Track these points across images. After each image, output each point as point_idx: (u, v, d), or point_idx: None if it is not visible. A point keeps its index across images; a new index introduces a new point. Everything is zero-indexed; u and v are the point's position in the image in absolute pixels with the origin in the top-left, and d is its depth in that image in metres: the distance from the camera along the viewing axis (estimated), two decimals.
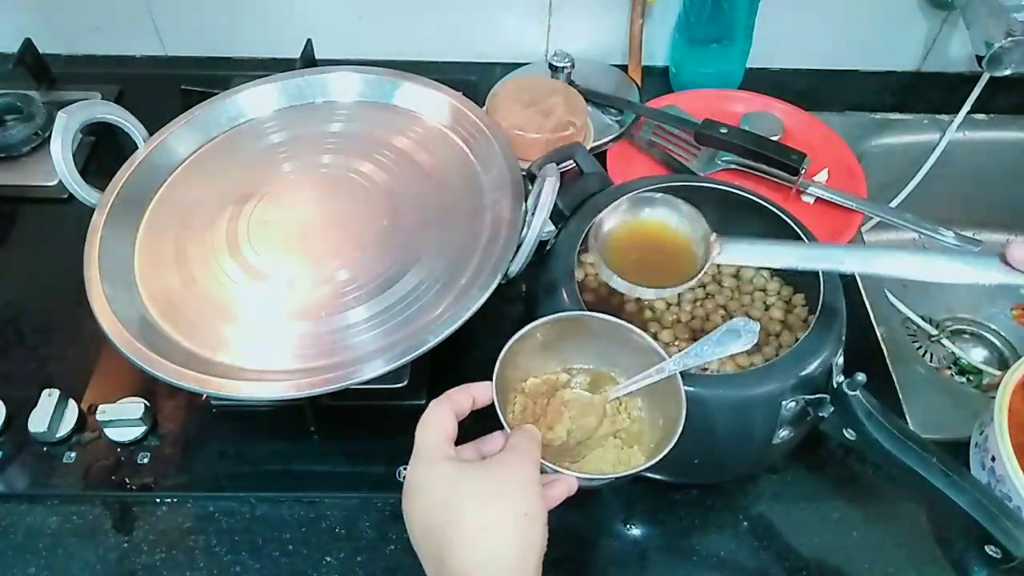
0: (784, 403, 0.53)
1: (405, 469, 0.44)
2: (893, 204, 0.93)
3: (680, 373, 0.49)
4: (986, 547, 0.49)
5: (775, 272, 0.66)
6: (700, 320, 0.64)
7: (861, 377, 0.51)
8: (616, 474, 0.48)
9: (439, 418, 0.45)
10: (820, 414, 0.53)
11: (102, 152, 0.86)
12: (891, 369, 0.70)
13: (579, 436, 0.50)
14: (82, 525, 0.61)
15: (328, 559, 0.59)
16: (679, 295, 0.65)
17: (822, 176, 0.82)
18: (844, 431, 0.52)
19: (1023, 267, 0.46)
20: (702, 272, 0.52)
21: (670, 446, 0.46)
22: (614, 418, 0.52)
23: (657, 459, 0.46)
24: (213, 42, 0.97)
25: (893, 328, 0.74)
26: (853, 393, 0.51)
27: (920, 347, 0.90)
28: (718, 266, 0.68)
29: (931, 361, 0.89)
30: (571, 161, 0.65)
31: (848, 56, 0.98)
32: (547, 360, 0.53)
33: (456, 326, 0.54)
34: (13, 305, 0.74)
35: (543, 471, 0.45)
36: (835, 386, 0.52)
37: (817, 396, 0.53)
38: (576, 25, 0.94)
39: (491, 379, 0.47)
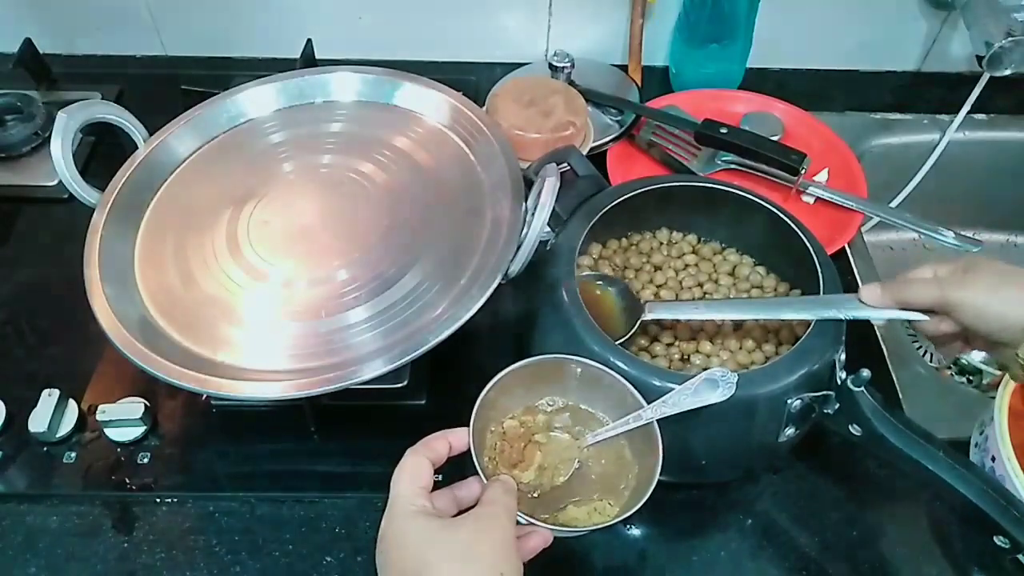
0: (789, 401, 0.53)
1: None
2: (893, 204, 0.93)
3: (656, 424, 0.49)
4: (994, 537, 0.49)
5: (771, 268, 0.66)
6: (699, 320, 0.64)
7: (866, 373, 0.51)
8: (590, 526, 0.48)
9: (414, 468, 0.45)
10: (826, 411, 0.53)
11: (102, 152, 0.86)
12: (891, 369, 0.70)
13: (554, 481, 0.50)
14: (82, 525, 0.61)
15: (328, 559, 0.59)
16: (676, 295, 0.65)
17: (822, 176, 0.82)
18: (850, 427, 0.53)
19: (877, 304, 0.53)
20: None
21: (644, 498, 0.47)
22: (590, 463, 0.52)
23: (631, 512, 0.47)
24: (213, 42, 0.97)
25: (893, 328, 0.74)
26: (859, 389, 0.51)
27: (920, 347, 0.90)
28: (714, 265, 0.68)
29: (931, 361, 0.89)
30: (565, 164, 0.65)
31: (848, 56, 0.98)
32: (527, 400, 0.53)
33: (456, 326, 0.53)
34: (13, 305, 0.74)
35: (518, 523, 0.45)
36: (839, 382, 0.52)
37: (822, 393, 0.53)
38: (576, 25, 0.94)
39: (469, 422, 0.48)
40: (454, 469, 0.48)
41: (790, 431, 0.55)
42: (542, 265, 0.60)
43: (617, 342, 0.54)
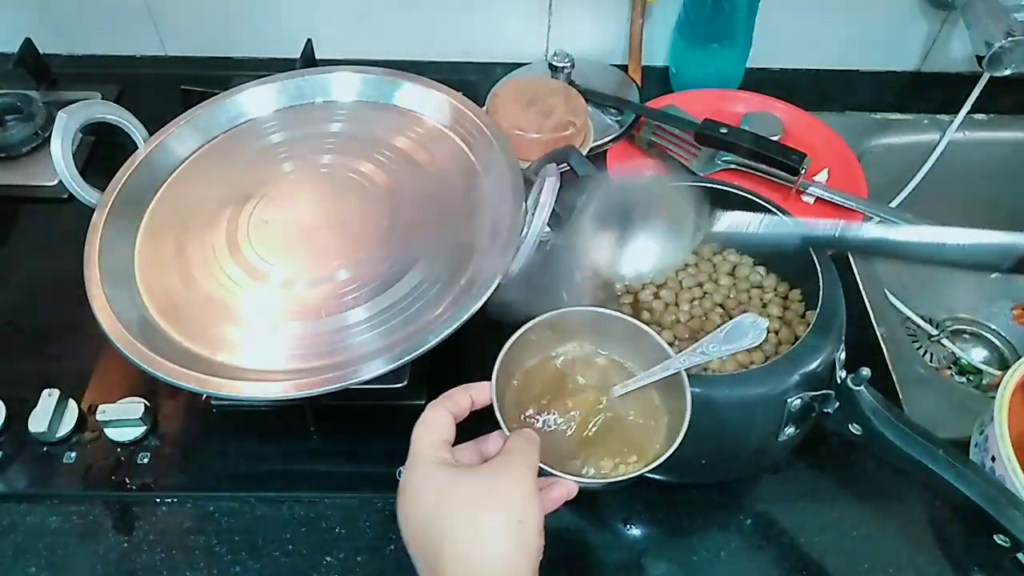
0: (789, 400, 0.53)
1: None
2: (893, 204, 0.93)
3: (686, 373, 0.48)
4: (994, 536, 0.49)
5: (771, 268, 0.66)
6: (699, 320, 0.64)
7: (865, 372, 0.51)
8: (616, 477, 0.47)
9: (435, 421, 0.45)
10: (825, 410, 0.53)
11: (102, 152, 0.86)
12: (891, 369, 0.70)
13: (580, 432, 0.50)
14: (82, 525, 0.61)
15: (328, 559, 0.59)
16: (676, 295, 0.65)
17: (822, 176, 0.82)
18: (850, 426, 0.53)
19: None
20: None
21: (673, 447, 0.46)
22: (617, 415, 0.51)
23: (659, 461, 0.46)
24: (213, 42, 0.97)
25: (893, 328, 0.74)
26: (858, 388, 0.51)
27: (920, 347, 0.90)
28: (714, 265, 0.68)
29: (931, 361, 0.89)
30: (565, 164, 0.65)
31: (848, 56, 0.98)
32: (552, 355, 0.53)
33: (456, 326, 0.54)
34: (13, 305, 0.74)
35: (541, 474, 0.44)
36: (839, 381, 0.52)
37: (822, 392, 0.53)
38: (576, 25, 0.94)
39: (490, 379, 0.47)
40: (480, 424, 0.48)
41: (790, 430, 0.55)
42: (542, 265, 0.60)
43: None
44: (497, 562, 0.39)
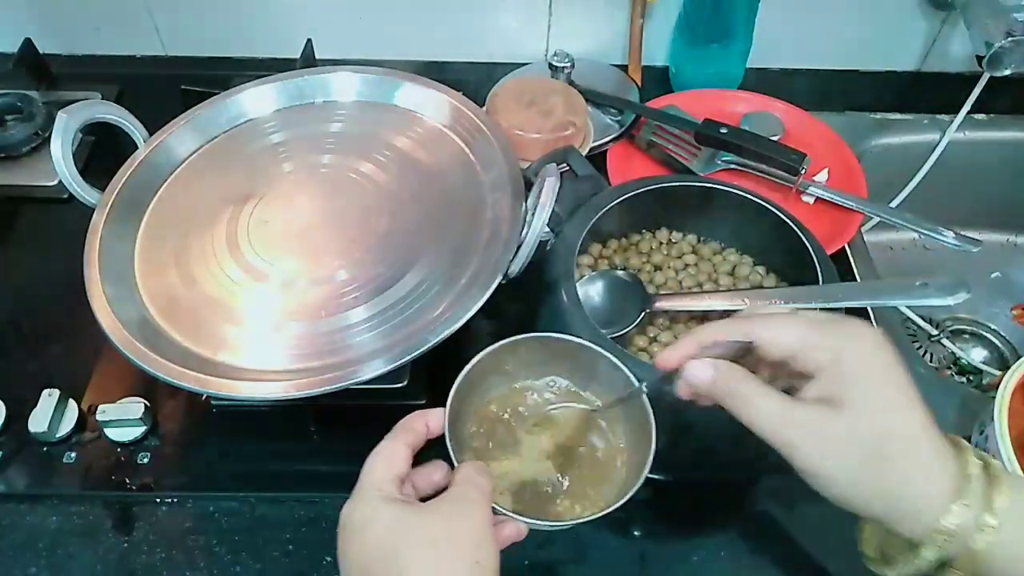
0: None
1: None
2: (893, 204, 0.93)
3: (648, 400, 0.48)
4: None
5: (771, 268, 0.66)
6: (698, 320, 0.64)
7: None
8: (570, 520, 0.46)
9: (391, 453, 0.43)
10: None
11: (102, 152, 0.85)
12: None
13: (539, 467, 0.49)
14: (82, 525, 0.61)
15: (328, 559, 0.59)
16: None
17: (822, 176, 0.82)
18: None
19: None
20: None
21: (634, 489, 0.45)
22: (577, 446, 0.51)
23: (617, 505, 0.45)
24: (213, 42, 0.97)
25: (893, 328, 0.74)
26: None
27: (920, 347, 0.90)
28: (714, 265, 0.68)
29: (931, 361, 0.89)
30: (565, 164, 0.65)
31: (848, 56, 0.98)
32: (514, 383, 0.53)
33: (456, 326, 0.54)
34: (13, 305, 0.74)
35: (494, 512, 0.43)
36: None
37: None
38: (576, 25, 0.94)
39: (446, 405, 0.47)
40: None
41: None
42: (542, 265, 0.60)
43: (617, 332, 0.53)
44: None
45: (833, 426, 0.38)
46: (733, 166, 0.82)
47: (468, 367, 0.49)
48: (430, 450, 0.46)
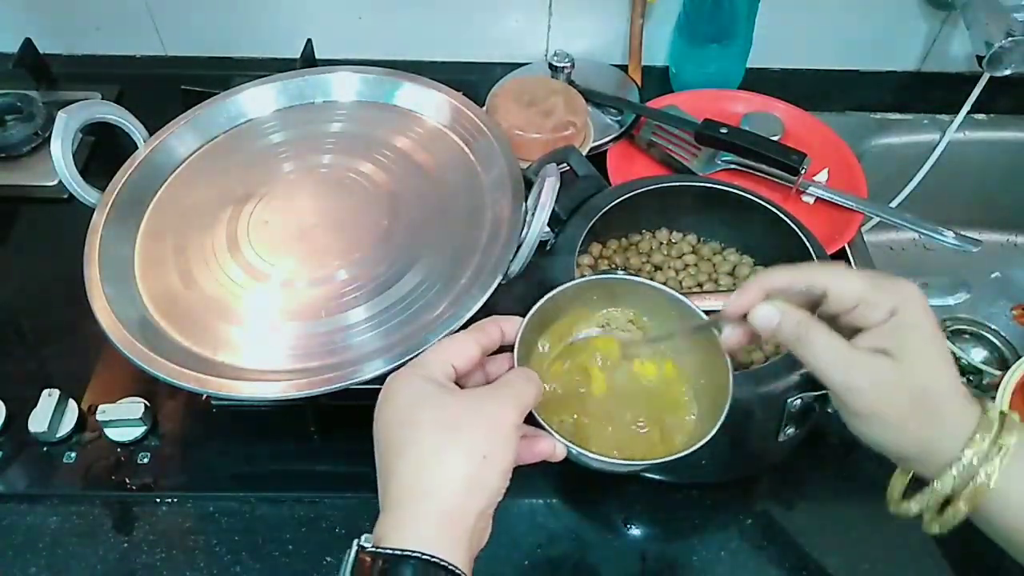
0: (789, 400, 0.53)
1: None
2: (893, 204, 0.93)
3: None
4: None
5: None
6: None
7: None
8: (608, 459, 0.45)
9: (454, 344, 0.43)
10: (827, 410, 0.53)
11: (102, 152, 0.85)
12: None
13: (598, 395, 0.49)
14: (82, 525, 0.61)
15: (328, 559, 0.59)
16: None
17: (822, 176, 0.82)
18: None
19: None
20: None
21: (700, 443, 0.44)
22: (643, 387, 0.50)
23: (672, 457, 0.44)
24: (213, 42, 0.97)
25: None
26: None
27: None
28: (714, 265, 0.68)
29: None
30: (565, 164, 0.65)
31: (848, 56, 0.98)
32: (592, 318, 0.52)
33: (456, 326, 0.54)
34: (13, 305, 0.74)
35: (536, 424, 0.43)
36: None
37: (822, 392, 0.53)
38: (576, 25, 0.94)
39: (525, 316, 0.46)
40: None
41: (790, 430, 0.55)
42: (542, 265, 0.60)
43: None
44: (444, 490, 0.38)
45: (893, 374, 0.41)
46: (733, 166, 0.82)
47: (557, 290, 0.48)
48: None
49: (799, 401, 0.53)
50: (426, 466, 0.38)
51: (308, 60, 0.88)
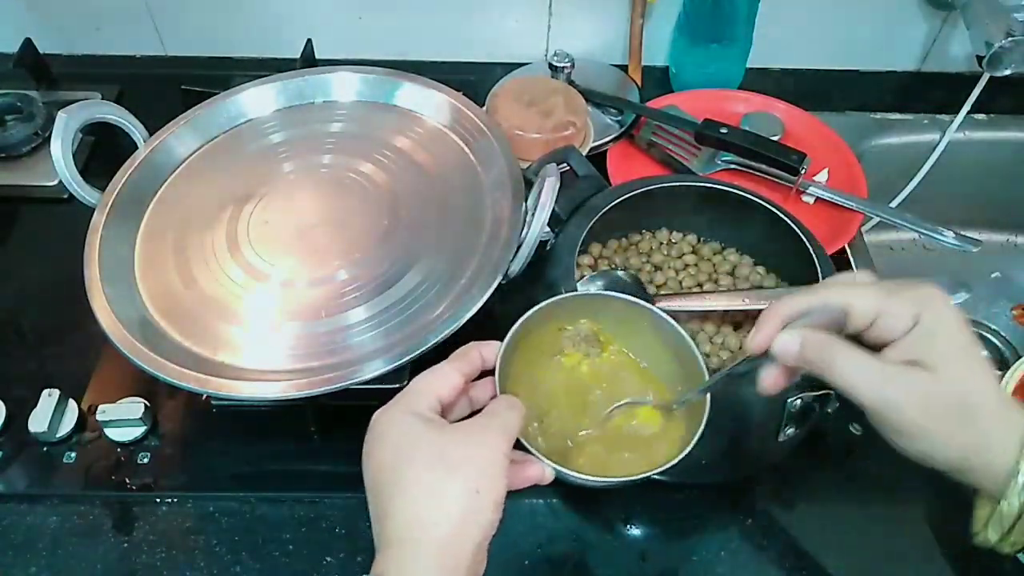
0: (789, 400, 0.53)
1: None
2: (893, 204, 0.93)
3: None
4: None
5: (771, 268, 0.66)
6: (699, 320, 0.64)
7: None
8: (594, 478, 0.45)
9: (436, 373, 0.43)
10: (827, 410, 0.53)
11: (102, 152, 0.85)
12: None
13: (582, 419, 0.49)
14: (82, 525, 0.61)
15: (328, 559, 0.59)
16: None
17: (822, 176, 0.82)
18: (850, 426, 0.53)
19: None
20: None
21: (673, 462, 0.44)
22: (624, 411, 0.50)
23: (658, 470, 0.45)
24: (213, 42, 0.97)
25: None
26: None
27: None
28: (714, 265, 0.68)
29: None
30: (565, 164, 0.65)
31: (848, 56, 0.98)
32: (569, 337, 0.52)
33: (456, 326, 0.54)
34: (13, 305, 0.74)
35: (523, 449, 0.43)
36: None
37: (823, 392, 0.53)
38: (576, 25, 0.94)
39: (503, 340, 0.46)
40: None
41: (790, 430, 0.55)
42: (542, 265, 0.60)
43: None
44: (441, 527, 0.38)
45: (929, 385, 0.40)
46: (733, 166, 0.82)
47: (534, 309, 0.48)
48: None
49: (799, 401, 0.53)
50: (421, 504, 0.39)
51: (308, 60, 0.88)
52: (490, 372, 0.46)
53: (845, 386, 0.41)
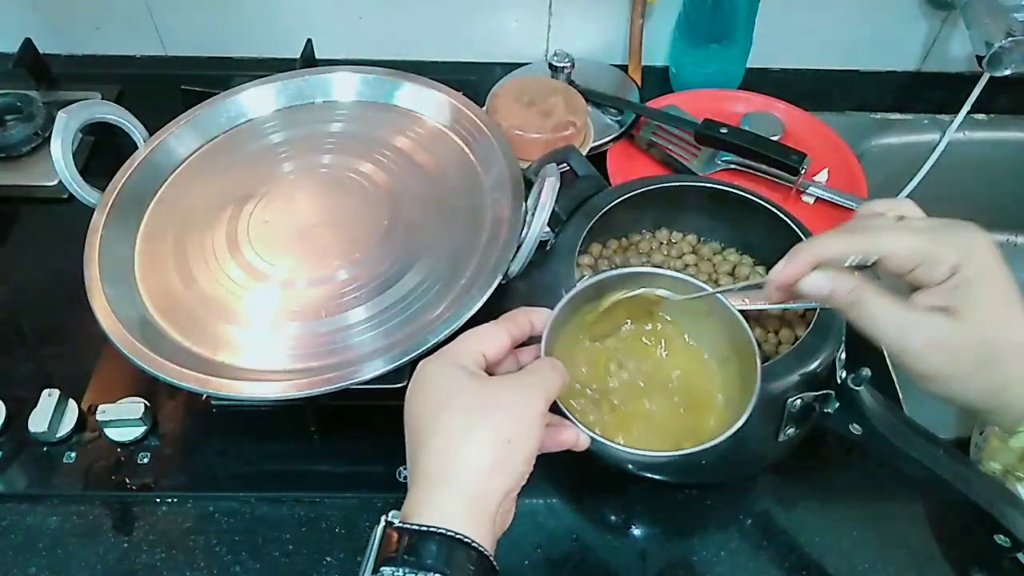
0: (789, 400, 0.53)
1: (405, 469, 0.44)
2: None
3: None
4: (994, 536, 0.49)
5: (771, 269, 0.66)
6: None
7: (866, 372, 0.51)
8: (631, 450, 0.45)
9: (485, 333, 0.44)
10: (826, 410, 0.53)
11: (102, 152, 0.85)
12: (891, 369, 0.70)
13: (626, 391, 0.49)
14: (82, 525, 0.61)
15: (328, 559, 0.59)
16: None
17: (822, 176, 0.82)
18: (850, 427, 0.53)
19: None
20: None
21: (721, 438, 0.44)
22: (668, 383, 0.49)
23: (705, 446, 0.44)
24: (213, 42, 0.97)
25: None
26: (859, 388, 0.51)
27: None
28: (714, 265, 0.68)
29: None
30: (565, 164, 0.65)
31: (848, 56, 0.98)
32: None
33: (456, 326, 0.54)
34: (13, 305, 0.74)
35: (561, 413, 0.43)
36: (840, 382, 0.52)
37: (822, 392, 0.53)
38: (576, 25, 0.94)
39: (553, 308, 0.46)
40: None
41: (790, 430, 0.55)
42: (542, 265, 0.60)
43: None
44: (470, 471, 0.39)
45: (949, 332, 0.40)
46: (733, 166, 0.82)
47: (594, 278, 0.48)
48: None
49: (799, 401, 0.53)
50: (453, 448, 0.39)
51: (308, 60, 0.88)
52: (537, 340, 0.46)
53: (867, 328, 0.42)
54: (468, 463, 0.39)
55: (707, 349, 0.51)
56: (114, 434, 0.64)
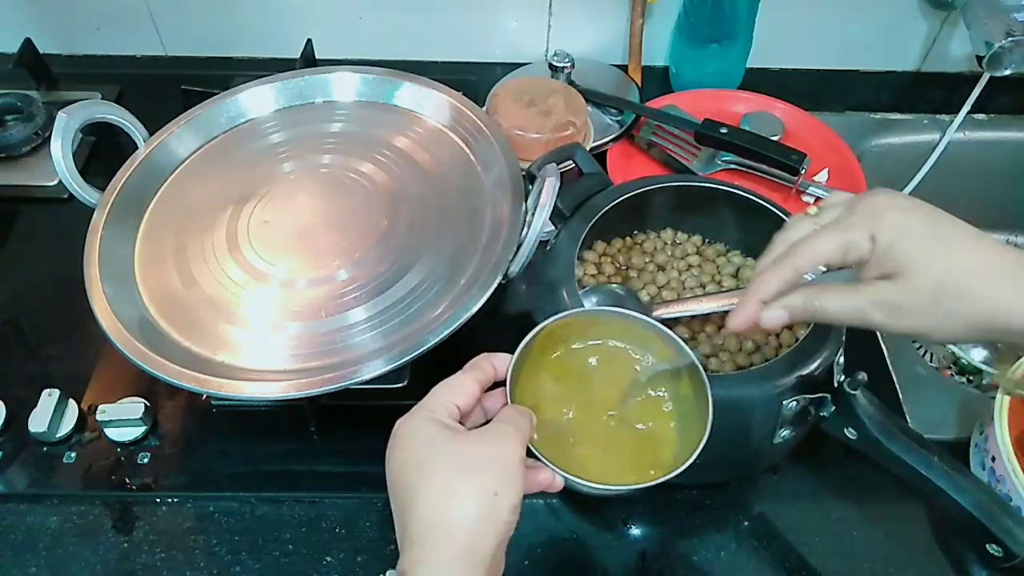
0: (785, 403, 0.53)
1: None
2: None
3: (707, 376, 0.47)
4: (987, 545, 0.49)
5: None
6: (700, 321, 0.64)
7: (862, 376, 0.51)
8: (601, 485, 0.46)
9: (454, 383, 0.44)
10: (821, 413, 0.53)
11: (102, 152, 0.85)
12: (891, 369, 0.70)
13: (588, 426, 0.49)
14: (82, 525, 0.61)
15: (328, 559, 0.59)
16: (678, 296, 0.65)
17: (822, 176, 0.82)
18: (845, 430, 0.52)
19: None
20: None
21: (679, 470, 0.45)
22: (627, 419, 0.50)
23: (667, 477, 0.45)
24: (213, 42, 0.97)
25: None
26: (854, 392, 0.51)
27: (920, 347, 0.90)
28: (717, 266, 0.68)
29: (931, 361, 0.89)
30: (570, 161, 0.65)
31: (848, 56, 0.98)
32: (575, 347, 0.52)
33: (456, 326, 0.54)
34: (13, 305, 0.74)
35: (533, 456, 0.44)
36: (836, 385, 0.52)
37: (818, 395, 0.53)
38: (576, 25, 0.94)
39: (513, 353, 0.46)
40: None
41: (785, 433, 0.55)
42: (542, 265, 0.60)
43: None
44: (460, 529, 0.39)
45: (904, 294, 0.42)
46: (733, 166, 0.82)
47: (541, 326, 0.48)
48: None
49: (795, 404, 0.53)
50: (441, 505, 0.40)
51: (308, 60, 0.88)
52: (501, 383, 0.47)
53: (833, 323, 0.44)
54: (457, 520, 0.39)
55: (665, 386, 0.51)
56: (114, 434, 0.64)
